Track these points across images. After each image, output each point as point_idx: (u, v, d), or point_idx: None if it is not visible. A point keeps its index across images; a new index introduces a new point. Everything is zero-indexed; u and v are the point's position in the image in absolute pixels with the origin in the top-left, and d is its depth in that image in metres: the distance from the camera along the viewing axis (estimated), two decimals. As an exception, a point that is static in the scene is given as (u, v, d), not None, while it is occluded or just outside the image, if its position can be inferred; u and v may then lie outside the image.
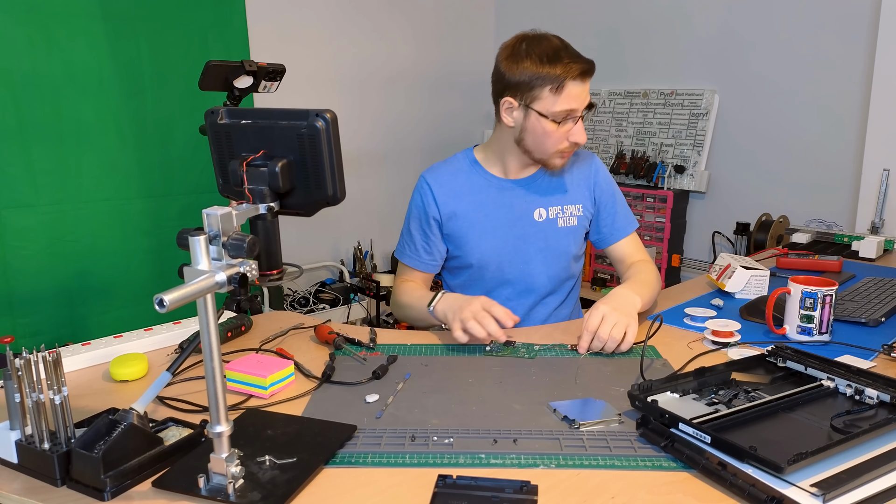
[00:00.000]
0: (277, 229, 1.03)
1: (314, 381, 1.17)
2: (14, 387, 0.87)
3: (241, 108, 1.47)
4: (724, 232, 3.12)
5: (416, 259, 1.59)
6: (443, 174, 1.58)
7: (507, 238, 1.55)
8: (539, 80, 1.40)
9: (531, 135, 1.46)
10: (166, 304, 0.72)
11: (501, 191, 1.56)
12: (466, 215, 1.55)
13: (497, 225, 1.55)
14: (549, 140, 1.45)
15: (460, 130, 3.94)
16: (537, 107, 1.42)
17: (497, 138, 1.56)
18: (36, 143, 2.15)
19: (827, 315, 1.32)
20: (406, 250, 1.61)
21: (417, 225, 1.59)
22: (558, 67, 1.38)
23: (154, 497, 0.84)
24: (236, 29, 2.54)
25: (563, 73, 1.38)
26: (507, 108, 1.47)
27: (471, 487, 0.83)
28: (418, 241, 1.59)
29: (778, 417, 0.98)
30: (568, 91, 1.40)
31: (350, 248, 3.53)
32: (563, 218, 1.57)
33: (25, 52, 2.10)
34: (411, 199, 1.61)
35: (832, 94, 2.74)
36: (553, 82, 1.39)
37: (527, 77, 1.41)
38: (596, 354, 1.28)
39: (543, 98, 1.41)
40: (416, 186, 1.60)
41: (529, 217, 1.56)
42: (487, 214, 1.55)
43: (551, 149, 1.47)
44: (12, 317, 2.15)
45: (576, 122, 1.44)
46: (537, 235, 1.56)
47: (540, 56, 1.40)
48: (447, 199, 1.55)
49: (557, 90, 1.39)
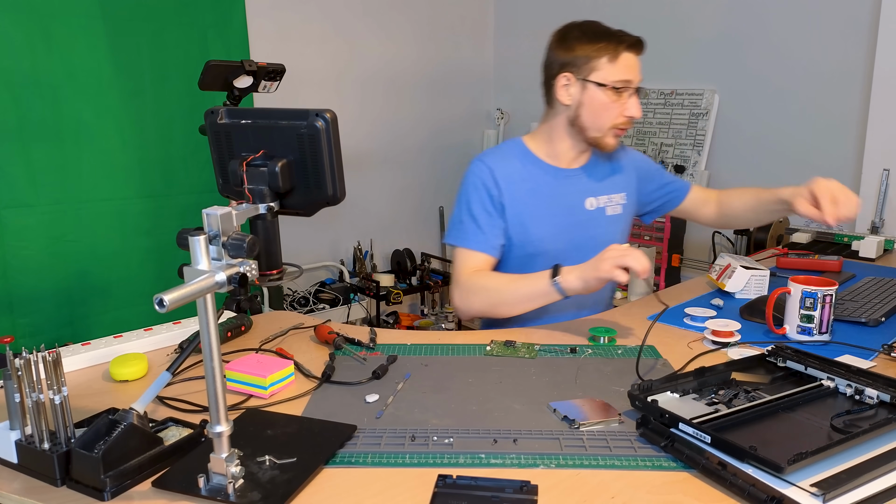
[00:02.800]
0: (277, 229, 1.03)
1: (314, 381, 1.17)
2: (14, 387, 0.87)
3: (241, 107, 1.47)
4: (723, 232, 3.12)
5: (484, 242, 1.50)
6: (498, 159, 1.55)
7: (562, 226, 1.55)
8: (595, 52, 1.46)
9: (588, 109, 1.48)
10: (166, 303, 0.72)
11: (556, 179, 1.56)
12: (525, 202, 1.53)
13: (552, 213, 1.55)
14: (605, 113, 1.48)
15: (460, 130, 3.95)
16: (595, 78, 1.46)
17: (547, 127, 1.57)
18: (36, 143, 2.15)
19: (827, 315, 1.32)
20: (470, 235, 1.51)
21: (481, 207, 1.51)
22: (613, 39, 1.46)
23: (154, 497, 0.84)
24: (236, 29, 2.54)
25: (618, 42, 1.46)
26: (564, 85, 1.49)
27: (471, 487, 0.83)
28: (484, 222, 1.50)
29: (778, 417, 0.98)
30: (624, 60, 1.46)
31: (350, 248, 3.53)
32: (610, 207, 1.60)
33: (25, 52, 2.10)
34: (467, 184, 1.53)
35: (832, 94, 2.74)
36: (609, 52, 1.45)
37: (583, 52, 1.47)
38: (596, 354, 1.28)
39: (601, 69, 1.46)
40: (472, 171, 1.54)
41: (581, 206, 1.57)
42: (542, 202, 1.54)
43: (607, 123, 1.49)
44: (12, 317, 2.15)
45: (631, 95, 1.48)
46: (587, 224, 1.58)
47: (594, 32, 1.48)
48: (506, 185, 1.52)
49: (614, 59, 1.45)
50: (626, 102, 1.48)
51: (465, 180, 1.55)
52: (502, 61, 3.99)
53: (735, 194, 1.69)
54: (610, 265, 1.31)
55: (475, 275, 1.49)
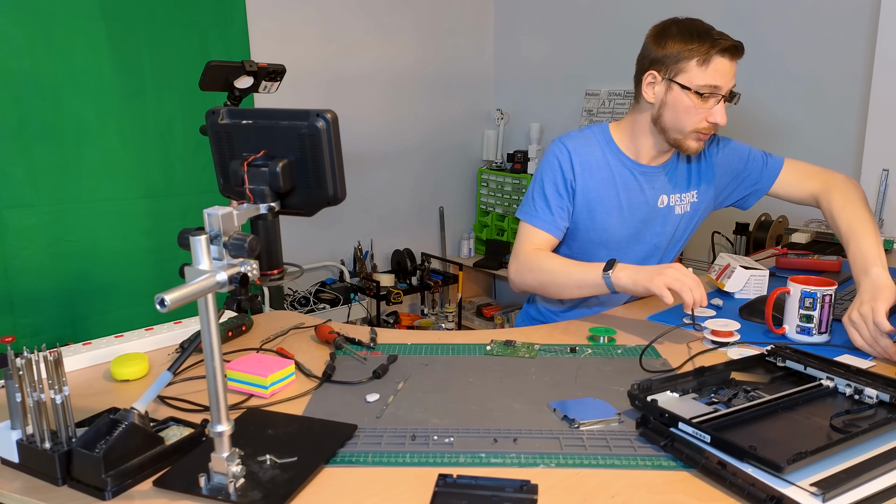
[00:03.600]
0: (278, 229, 1.03)
1: (314, 380, 1.18)
2: (15, 386, 0.87)
3: (241, 108, 1.48)
4: (723, 232, 3.12)
5: (550, 223, 1.53)
6: (579, 144, 1.56)
7: (631, 221, 1.56)
8: (687, 52, 1.41)
9: (671, 110, 1.46)
10: (167, 303, 0.73)
11: (633, 173, 1.56)
12: (597, 190, 1.54)
13: (622, 206, 1.55)
14: (687, 117, 1.45)
15: (460, 130, 3.95)
16: (681, 79, 1.43)
17: (633, 120, 1.56)
18: (36, 143, 2.15)
19: (826, 315, 1.32)
20: (539, 213, 1.54)
21: (553, 188, 1.53)
22: (707, 41, 1.40)
23: (155, 496, 0.85)
24: (236, 29, 2.54)
25: (711, 45, 1.40)
26: (650, 83, 1.47)
27: (471, 487, 0.84)
28: (554, 203, 1.53)
29: (777, 417, 0.98)
30: (715, 65, 1.41)
31: (350, 248, 3.53)
32: (680, 206, 1.60)
33: (26, 52, 2.10)
34: (545, 163, 1.56)
35: (832, 94, 2.74)
36: (700, 55, 1.41)
37: (674, 51, 1.43)
38: (596, 354, 1.28)
39: (689, 71, 1.42)
40: (552, 151, 1.55)
41: (654, 203, 1.57)
42: (616, 194, 1.55)
43: (688, 126, 1.46)
44: (13, 316, 2.16)
45: (717, 102, 1.44)
46: (654, 220, 1.58)
47: (690, 31, 1.42)
48: (582, 170, 1.53)
49: (704, 62, 1.41)
50: (711, 108, 1.44)
51: (543, 159, 1.57)
52: (502, 61, 3.99)
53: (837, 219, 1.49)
54: (662, 282, 1.30)
55: (534, 252, 1.52)
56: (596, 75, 3.51)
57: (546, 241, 1.54)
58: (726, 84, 1.43)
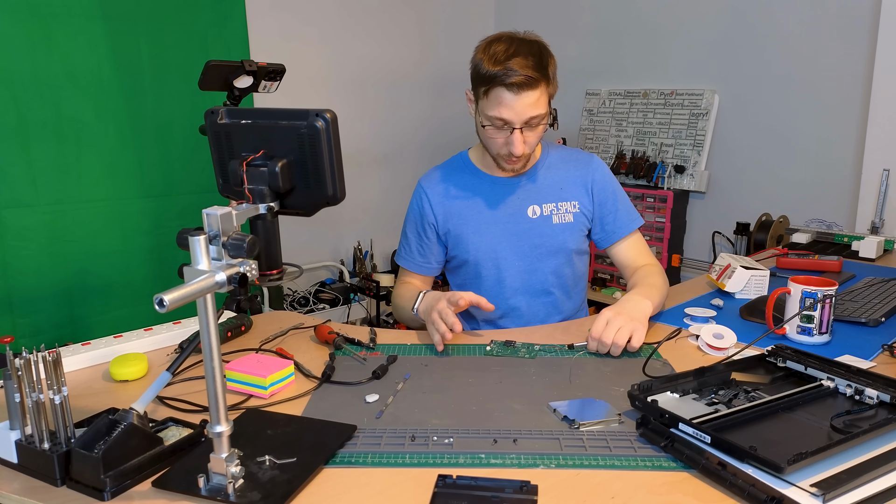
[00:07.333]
0: (277, 229, 1.03)
1: (314, 381, 1.17)
2: (14, 387, 0.87)
3: (241, 108, 1.47)
4: (724, 232, 3.12)
5: (412, 262, 1.64)
6: (437, 177, 1.62)
7: (501, 234, 1.56)
8: (478, 79, 1.40)
9: (479, 131, 1.48)
10: (166, 303, 0.72)
11: (493, 187, 1.57)
12: (461, 213, 1.57)
13: (490, 221, 1.56)
14: (488, 142, 1.47)
15: (460, 131, 3.93)
16: (480, 105, 1.43)
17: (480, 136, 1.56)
18: (36, 143, 2.14)
19: (827, 315, 1.32)
20: (403, 253, 1.66)
21: (413, 229, 1.63)
22: (493, 72, 1.34)
23: (154, 497, 0.84)
24: (236, 29, 2.54)
25: (492, 78, 1.35)
26: (469, 99, 1.49)
27: (471, 487, 0.83)
28: (413, 245, 1.63)
29: (778, 417, 0.98)
30: (496, 97, 1.36)
31: (350, 248, 3.53)
32: (557, 215, 1.57)
33: (25, 52, 2.09)
34: (408, 208, 1.66)
35: (832, 94, 2.74)
36: (484, 84, 1.38)
37: (473, 73, 1.42)
38: (601, 355, 1.28)
39: (482, 99, 1.41)
40: (414, 192, 1.64)
41: (523, 214, 1.56)
42: (480, 211, 1.56)
43: (492, 151, 1.48)
44: (12, 317, 2.15)
45: (511, 132, 1.40)
46: (532, 232, 1.56)
47: (490, 57, 1.36)
48: (442, 201, 1.58)
49: (487, 95, 1.38)
50: (508, 136, 1.41)
51: (410, 201, 1.64)
52: (502, 61, 3.99)
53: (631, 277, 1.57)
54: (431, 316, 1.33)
55: (398, 288, 1.64)
56: (596, 75, 3.52)
57: (416, 279, 1.64)
58: (516, 116, 1.37)
